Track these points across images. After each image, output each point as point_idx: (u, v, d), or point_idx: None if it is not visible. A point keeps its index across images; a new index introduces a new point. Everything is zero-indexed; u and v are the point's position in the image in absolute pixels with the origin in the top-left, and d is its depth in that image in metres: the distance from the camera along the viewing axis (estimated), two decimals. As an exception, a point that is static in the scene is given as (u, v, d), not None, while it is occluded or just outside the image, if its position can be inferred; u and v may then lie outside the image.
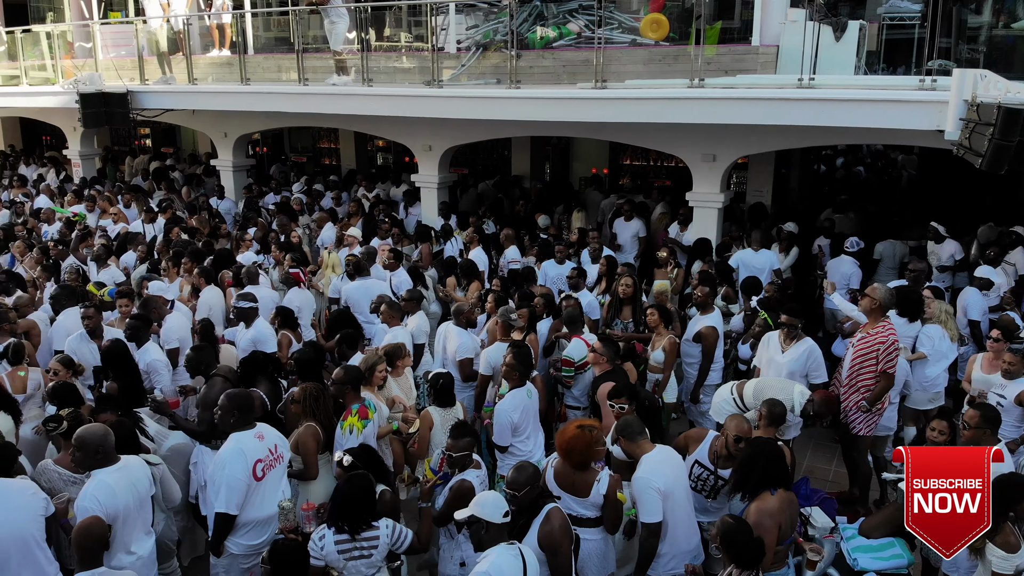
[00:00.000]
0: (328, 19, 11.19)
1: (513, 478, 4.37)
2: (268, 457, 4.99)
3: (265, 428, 5.12)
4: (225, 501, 4.79)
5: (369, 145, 18.34)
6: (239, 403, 5.02)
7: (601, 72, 9.63)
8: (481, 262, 9.76)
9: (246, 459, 4.85)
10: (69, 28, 15.61)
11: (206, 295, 8.50)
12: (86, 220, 12.25)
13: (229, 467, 4.80)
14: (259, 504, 4.94)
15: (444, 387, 5.87)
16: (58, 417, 5.22)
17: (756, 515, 4.48)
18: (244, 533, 4.94)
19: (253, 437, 4.97)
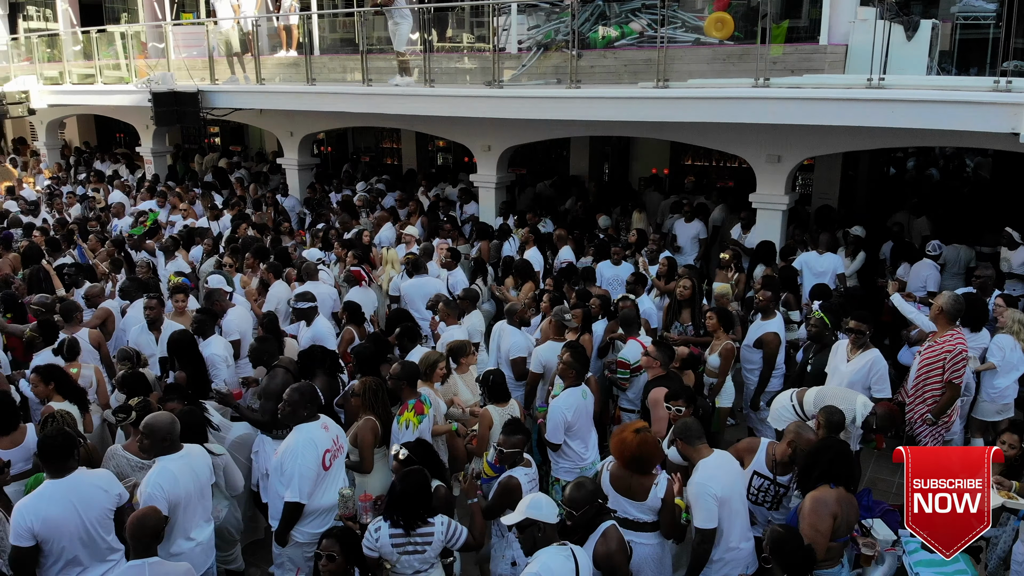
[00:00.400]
0: (392, 20, 11.32)
1: (572, 496, 4.27)
2: (333, 447, 5.11)
3: (327, 420, 5.24)
4: (297, 490, 4.88)
5: (430, 145, 18.53)
6: (309, 397, 5.12)
7: (663, 71, 9.52)
8: (536, 262, 9.76)
9: (317, 449, 4.96)
10: (142, 28, 16.16)
11: (274, 290, 8.69)
12: (157, 217, 12.64)
13: (301, 457, 4.90)
14: (324, 493, 5.05)
15: (495, 383, 5.87)
16: (127, 407, 5.39)
17: (811, 503, 4.42)
18: (309, 522, 5.03)
19: (320, 428, 5.08)
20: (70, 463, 4.49)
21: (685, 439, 4.79)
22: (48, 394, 5.69)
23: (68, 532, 4.35)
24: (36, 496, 4.38)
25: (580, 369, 5.75)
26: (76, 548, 4.40)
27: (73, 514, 4.37)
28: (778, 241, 9.96)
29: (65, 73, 16.73)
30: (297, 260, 9.55)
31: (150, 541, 4.15)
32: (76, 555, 4.42)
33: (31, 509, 4.30)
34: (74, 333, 7.08)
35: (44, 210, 13.90)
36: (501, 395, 5.87)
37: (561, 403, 5.63)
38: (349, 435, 5.53)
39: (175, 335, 6.64)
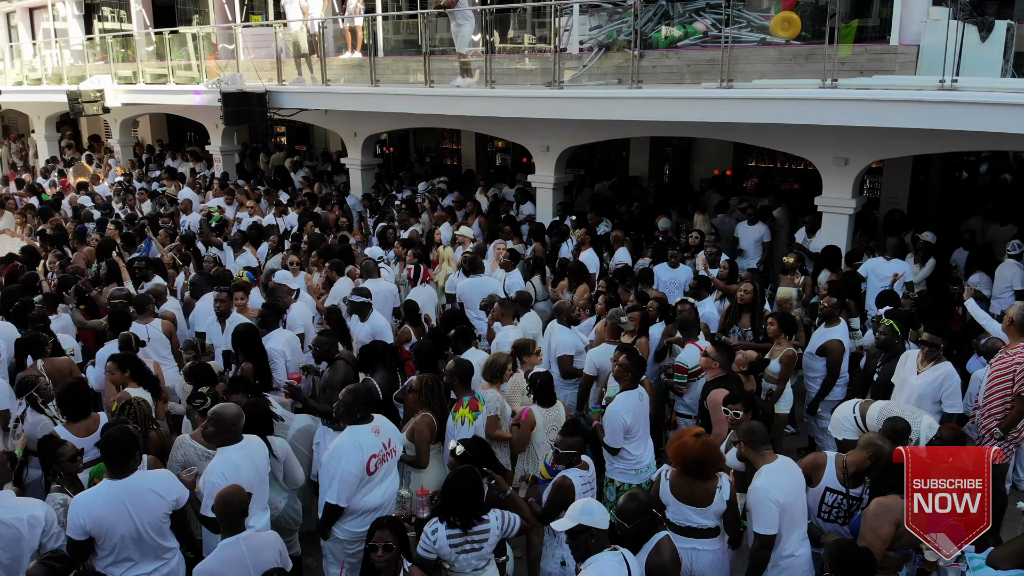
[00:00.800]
0: (455, 21, 11.42)
1: (625, 507, 4.25)
2: (382, 451, 5.11)
3: (381, 422, 5.24)
4: (336, 493, 4.92)
5: (489, 146, 18.62)
6: (364, 399, 5.16)
7: (727, 71, 9.38)
8: (592, 264, 9.70)
9: (362, 454, 4.97)
10: (213, 30, 16.61)
11: (337, 287, 8.87)
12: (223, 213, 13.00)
13: (345, 461, 4.93)
14: (368, 495, 5.06)
15: (542, 386, 5.85)
16: (201, 394, 5.56)
17: (876, 507, 4.37)
18: (351, 520, 5.07)
19: (370, 432, 5.08)
20: (130, 464, 4.54)
21: (750, 443, 4.70)
22: (124, 381, 5.91)
23: (119, 533, 4.41)
24: (92, 494, 4.47)
25: (635, 372, 5.72)
26: (127, 547, 4.47)
27: (125, 516, 4.42)
28: (844, 246, 9.72)
29: (138, 73, 17.32)
30: (360, 258, 9.72)
31: (238, 517, 4.28)
32: (127, 553, 4.49)
33: (84, 506, 4.38)
34: (146, 324, 7.33)
35: (116, 206, 14.42)
36: (547, 398, 5.85)
37: (619, 407, 5.59)
38: (406, 430, 5.61)
39: (239, 328, 6.83)
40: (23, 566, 4.25)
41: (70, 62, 20.17)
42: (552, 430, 5.73)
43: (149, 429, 5.50)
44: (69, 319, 7.88)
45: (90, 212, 13.42)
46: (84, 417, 5.42)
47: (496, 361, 6.11)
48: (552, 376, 6.05)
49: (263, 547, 4.31)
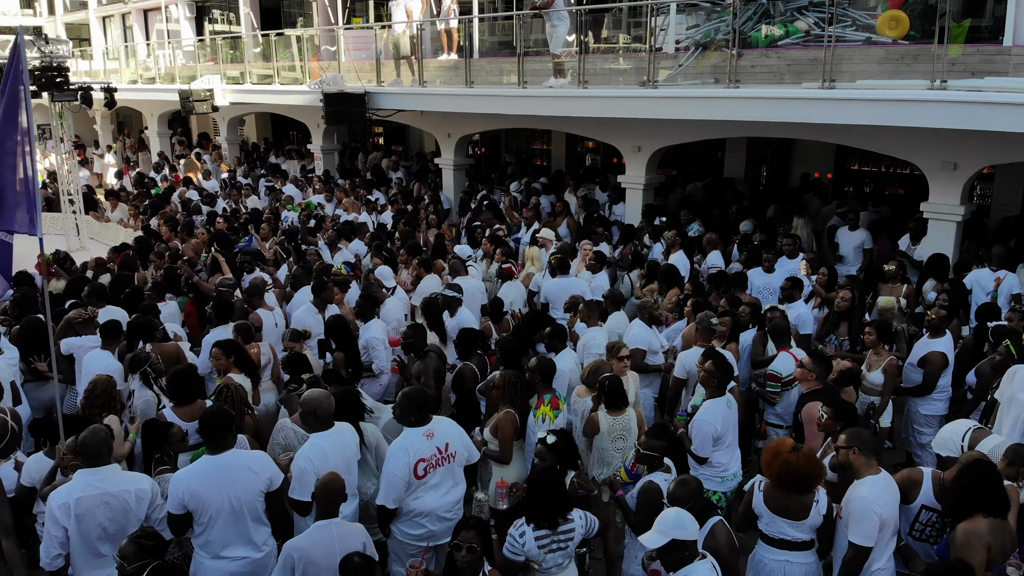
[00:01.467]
0: (550, 22, 11.45)
1: (675, 493, 4.31)
2: (434, 456, 5.00)
3: (439, 425, 5.12)
4: (383, 495, 4.99)
5: (579, 146, 18.58)
6: (418, 402, 5.12)
7: (830, 71, 9.09)
8: (682, 266, 9.56)
9: (408, 457, 4.92)
10: (316, 32, 17.16)
11: (425, 283, 9.06)
12: (316, 209, 13.40)
13: (391, 463, 4.98)
14: (421, 499, 5.02)
15: (613, 389, 5.67)
16: (299, 380, 5.76)
17: (963, 535, 4.18)
18: (404, 522, 5.09)
19: (421, 436, 5.01)
20: (227, 440, 4.74)
21: (864, 449, 4.53)
22: (228, 367, 6.22)
23: (214, 507, 4.56)
24: (191, 469, 4.70)
25: (722, 377, 5.59)
26: (222, 522, 4.61)
27: (221, 491, 4.57)
28: (951, 255, 9.27)
29: (246, 73, 18.07)
30: (450, 256, 9.88)
31: (336, 503, 4.43)
32: (222, 531, 4.63)
33: (183, 481, 4.58)
34: (257, 308, 7.71)
35: (221, 201, 15.08)
36: (617, 401, 5.69)
37: (708, 415, 5.49)
38: (489, 426, 5.66)
39: (331, 320, 7.09)
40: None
41: (182, 62, 21.19)
42: (619, 438, 5.64)
43: (244, 414, 5.73)
44: (176, 307, 8.31)
45: (198, 205, 14.07)
46: (191, 403, 5.66)
47: (595, 366, 6.02)
48: (621, 380, 5.92)
49: (351, 535, 4.45)
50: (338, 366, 6.78)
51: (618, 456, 5.62)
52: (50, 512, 4.36)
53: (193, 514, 4.59)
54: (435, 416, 5.20)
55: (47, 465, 5.12)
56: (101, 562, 4.44)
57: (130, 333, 7.01)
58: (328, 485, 4.45)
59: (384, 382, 7.26)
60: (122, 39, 28.22)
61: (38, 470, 5.11)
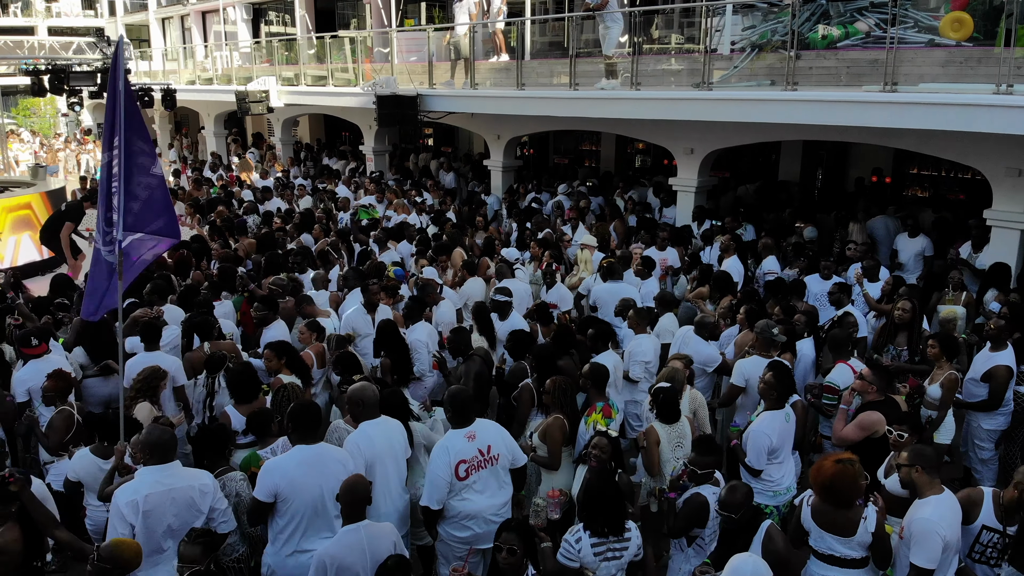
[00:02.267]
0: (603, 24, 11.37)
1: (727, 499, 4.33)
2: (476, 458, 4.98)
3: (482, 427, 5.10)
4: (427, 495, 4.98)
5: (628, 147, 18.42)
6: (459, 403, 5.11)
7: (892, 74, 8.86)
8: (736, 272, 9.39)
9: (449, 459, 4.91)
10: (369, 34, 17.32)
11: (469, 286, 9.10)
12: (375, 215, 13.52)
13: (433, 463, 4.98)
14: (466, 501, 5.00)
15: (667, 402, 5.63)
16: (351, 380, 5.82)
17: None
18: (451, 524, 5.06)
19: (462, 437, 5.00)
20: (318, 432, 4.84)
21: (926, 467, 4.40)
22: (279, 368, 6.30)
23: (306, 497, 4.62)
24: (286, 458, 4.77)
25: (783, 392, 5.47)
26: (307, 514, 4.66)
27: (314, 480, 4.64)
28: (1014, 264, 8.95)
29: (300, 75, 18.33)
30: (497, 258, 9.89)
31: (361, 506, 4.41)
32: (305, 523, 4.68)
33: (280, 468, 4.65)
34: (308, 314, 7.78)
35: (276, 200, 15.30)
36: (671, 414, 5.65)
37: (764, 427, 5.38)
38: (539, 431, 5.64)
39: (381, 324, 7.12)
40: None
41: (238, 63, 21.60)
42: (677, 446, 5.58)
43: None
44: (231, 305, 8.45)
45: (254, 204, 14.27)
46: (253, 400, 5.78)
47: (675, 376, 5.95)
48: (677, 392, 5.85)
49: (380, 536, 4.43)
50: (384, 372, 6.83)
51: (678, 465, 5.54)
52: (116, 509, 4.41)
53: (281, 503, 4.64)
54: (479, 419, 5.21)
55: (93, 461, 5.23)
56: (161, 557, 4.51)
57: (187, 331, 7.16)
58: (352, 487, 4.41)
59: (429, 384, 7.26)
60: (180, 40, 28.89)
61: (83, 465, 5.24)
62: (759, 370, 6.32)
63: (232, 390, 5.87)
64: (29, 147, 28.52)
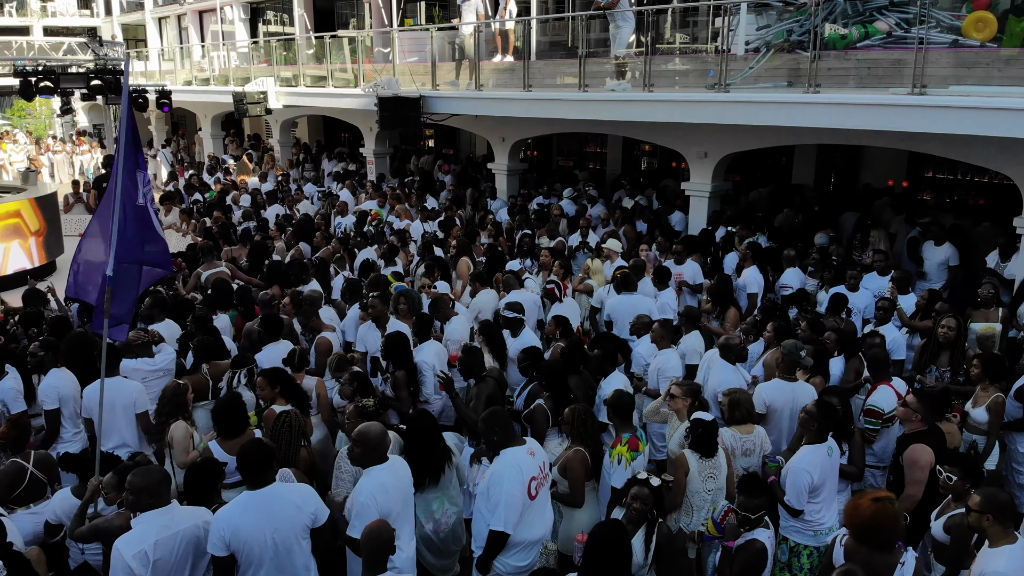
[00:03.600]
0: (614, 23, 10.96)
1: (744, 503, 4.34)
2: (540, 474, 4.83)
3: (534, 444, 4.96)
4: (502, 519, 4.63)
5: (635, 149, 17.98)
6: (500, 421, 4.87)
7: (920, 76, 8.44)
8: (755, 283, 8.97)
9: (523, 476, 4.69)
10: (370, 34, 16.88)
11: (480, 298, 8.62)
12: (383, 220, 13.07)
13: (507, 483, 4.64)
14: (529, 524, 4.77)
15: (704, 436, 5.16)
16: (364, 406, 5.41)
17: None
18: (513, 554, 4.76)
19: (526, 453, 4.81)
20: (267, 475, 4.40)
21: (1000, 517, 4.00)
22: (273, 397, 5.80)
23: (258, 545, 4.24)
24: (231, 507, 4.34)
25: (824, 423, 5.01)
26: (266, 564, 4.27)
27: (264, 527, 4.25)
28: (1048, 274, 8.55)
29: (299, 76, 17.88)
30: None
31: (384, 553, 4.05)
32: (266, 572, 4.29)
33: (225, 520, 4.24)
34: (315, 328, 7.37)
35: (276, 204, 14.86)
36: (708, 449, 5.18)
37: (804, 463, 4.93)
38: (558, 465, 5.22)
39: (390, 338, 6.68)
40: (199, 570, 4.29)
41: (236, 64, 21.16)
42: (710, 478, 5.13)
43: (300, 446, 5.36)
44: (228, 320, 8.01)
45: (250, 211, 13.81)
46: (239, 434, 5.31)
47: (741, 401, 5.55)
48: (717, 425, 5.39)
49: None
50: (399, 387, 6.40)
51: (708, 499, 5.12)
52: (123, 564, 3.99)
53: (236, 556, 4.22)
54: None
55: (75, 504, 4.80)
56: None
57: (197, 355, 6.72)
58: (376, 533, 4.04)
59: (435, 408, 6.74)
60: (177, 40, 28.47)
61: (65, 509, 4.82)
62: (782, 395, 5.94)
63: (217, 424, 5.39)
64: (23, 149, 28.03)
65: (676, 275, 9.21)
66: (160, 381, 6.42)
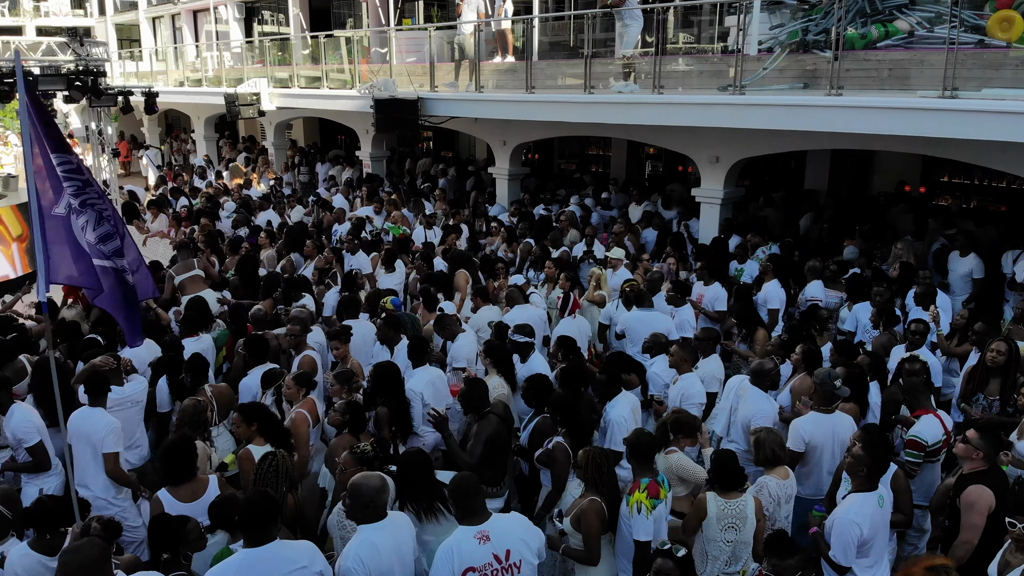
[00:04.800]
0: (621, 22, 10.44)
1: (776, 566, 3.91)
2: (490, 566, 4.02)
3: (498, 526, 4.14)
4: None
5: (641, 152, 17.40)
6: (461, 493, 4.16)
7: (952, 78, 7.89)
8: (777, 298, 8.38)
9: (452, 565, 3.99)
10: (366, 34, 16.34)
11: (482, 315, 7.98)
12: (372, 223, 12.49)
13: (434, 570, 4.03)
14: None
15: (728, 467, 4.65)
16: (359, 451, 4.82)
17: None
18: None
19: (471, 538, 4.05)
20: (271, 530, 3.90)
21: None
22: (250, 436, 5.20)
23: None
24: (224, 567, 3.84)
25: (874, 467, 4.44)
26: None
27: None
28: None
29: (294, 76, 17.33)
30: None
31: None
32: None
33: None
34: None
35: (270, 211, 14.23)
36: (732, 482, 4.65)
37: (853, 514, 4.35)
38: (571, 516, 4.64)
39: (378, 368, 6.09)
40: None
41: (229, 64, 20.62)
42: (729, 528, 4.57)
43: (288, 492, 4.75)
44: (210, 341, 7.40)
45: (244, 217, 13.10)
46: (190, 479, 4.71)
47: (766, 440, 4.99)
48: (737, 456, 4.86)
49: None
50: (381, 424, 5.82)
51: (727, 551, 4.57)
52: None
53: None
54: (495, 514, 4.24)
55: (37, 560, 4.22)
56: None
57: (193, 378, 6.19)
58: None
59: (428, 442, 6.09)
60: (171, 40, 27.95)
61: (25, 566, 4.21)
62: (821, 429, 5.38)
63: (164, 468, 4.77)
64: (13, 151, 27.42)
65: (698, 296, 8.56)
66: (127, 412, 5.87)
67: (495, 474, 5.42)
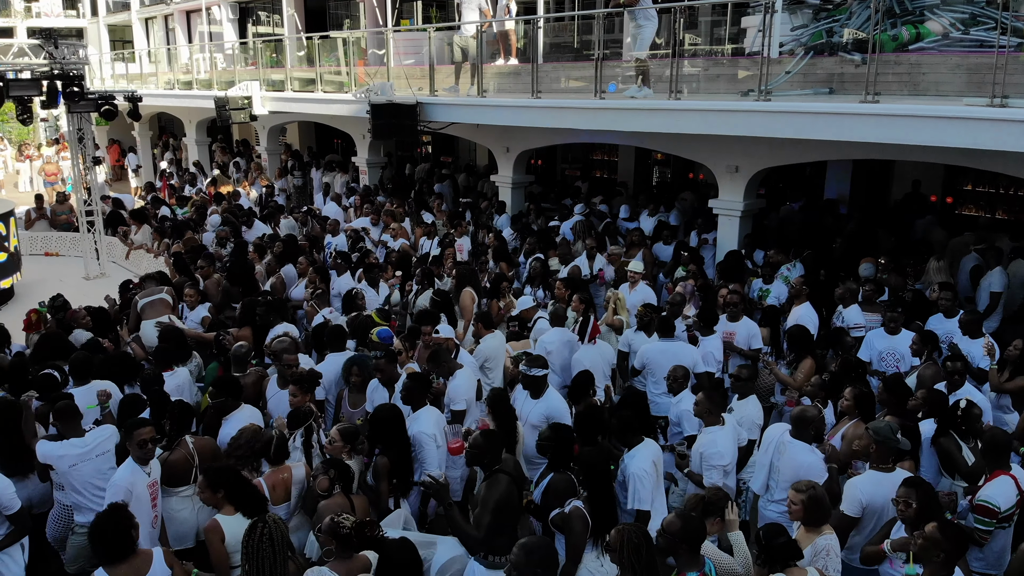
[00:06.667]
0: (634, 22, 9.75)
1: None
2: None
3: None
4: None
5: (649, 158, 16.70)
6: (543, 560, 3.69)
7: (1003, 85, 7.21)
8: (811, 323, 7.61)
9: None
10: (363, 35, 15.67)
11: (487, 344, 7.20)
12: (368, 234, 11.75)
13: None
14: None
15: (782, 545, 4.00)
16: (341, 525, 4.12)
17: None
18: None
19: None
20: None
21: None
22: (216, 503, 4.50)
23: None
24: None
25: (954, 551, 3.72)
26: None
27: None
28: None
29: (287, 79, 16.65)
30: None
31: None
32: None
33: None
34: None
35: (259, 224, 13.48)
36: (788, 556, 3.98)
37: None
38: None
39: (378, 412, 5.39)
40: None
41: (222, 66, 19.96)
42: None
43: (287, 558, 4.02)
44: (187, 375, 6.67)
45: (225, 234, 12.24)
46: (130, 555, 3.98)
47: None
48: (786, 529, 4.17)
49: None
50: (380, 476, 5.13)
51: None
52: None
53: None
54: None
55: None
56: None
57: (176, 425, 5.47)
58: None
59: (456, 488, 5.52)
60: (164, 41, 27.28)
61: None
62: (881, 491, 4.67)
63: (96, 547, 4.04)
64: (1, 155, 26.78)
65: (726, 334, 7.57)
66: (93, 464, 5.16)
67: (506, 540, 4.71)
